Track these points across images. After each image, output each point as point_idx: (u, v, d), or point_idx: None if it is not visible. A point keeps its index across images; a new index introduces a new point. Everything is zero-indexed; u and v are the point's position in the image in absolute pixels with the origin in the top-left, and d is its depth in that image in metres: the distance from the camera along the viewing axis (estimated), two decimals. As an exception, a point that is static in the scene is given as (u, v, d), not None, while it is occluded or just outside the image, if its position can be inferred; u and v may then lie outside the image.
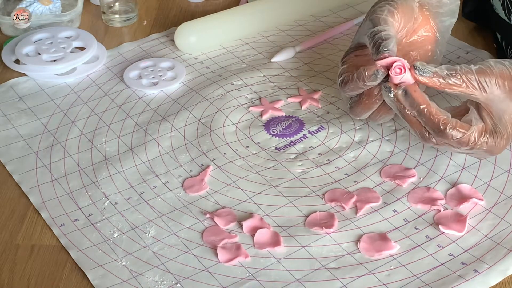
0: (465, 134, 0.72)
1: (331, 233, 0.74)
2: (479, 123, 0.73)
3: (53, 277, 0.71)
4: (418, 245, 0.73)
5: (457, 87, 0.72)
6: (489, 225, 0.75)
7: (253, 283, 0.70)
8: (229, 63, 0.99)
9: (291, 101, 0.92)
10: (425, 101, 0.72)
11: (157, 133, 0.87)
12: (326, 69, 0.97)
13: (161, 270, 0.71)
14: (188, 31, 1.00)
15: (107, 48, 1.02)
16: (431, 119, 0.72)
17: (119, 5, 1.07)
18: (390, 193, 0.79)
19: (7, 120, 0.90)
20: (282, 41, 1.03)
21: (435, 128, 0.72)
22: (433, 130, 0.73)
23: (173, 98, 0.93)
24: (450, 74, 0.72)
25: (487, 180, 0.80)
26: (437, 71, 0.72)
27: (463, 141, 0.73)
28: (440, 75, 0.72)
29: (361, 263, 0.72)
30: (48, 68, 0.96)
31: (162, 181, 0.81)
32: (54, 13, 1.04)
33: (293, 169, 0.82)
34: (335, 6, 1.10)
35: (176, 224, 0.76)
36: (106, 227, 0.76)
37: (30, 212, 0.78)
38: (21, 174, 0.82)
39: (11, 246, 0.74)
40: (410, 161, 0.82)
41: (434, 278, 0.70)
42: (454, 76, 0.72)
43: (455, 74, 0.72)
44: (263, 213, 0.77)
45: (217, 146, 0.85)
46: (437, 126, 0.72)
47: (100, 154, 0.85)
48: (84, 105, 0.92)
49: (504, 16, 0.94)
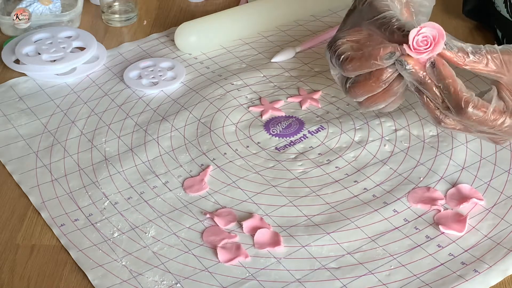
0: (485, 112, 0.70)
1: (331, 233, 0.74)
2: (499, 102, 0.72)
3: (53, 277, 0.71)
4: (418, 245, 0.73)
5: (481, 65, 0.70)
6: (489, 225, 0.75)
7: (253, 283, 0.70)
8: (229, 63, 0.99)
9: (291, 101, 0.92)
10: (452, 76, 0.70)
11: (157, 133, 0.87)
12: (326, 69, 0.97)
13: (161, 270, 0.71)
14: (188, 31, 1.00)
15: (107, 48, 1.02)
16: (454, 96, 0.70)
17: (119, 5, 1.07)
18: (390, 193, 0.79)
19: (7, 120, 0.90)
20: (282, 41, 1.03)
21: (457, 106, 0.70)
22: (454, 108, 0.71)
23: (173, 98, 0.93)
24: (475, 51, 0.70)
25: (487, 180, 0.80)
26: (463, 46, 0.70)
27: (483, 120, 0.71)
28: (466, 51, 0.70)
29: (361, 263, 0.72)
30: (48, 68, 0.96)
31: (162, 181, 0.81)
32: (54, 13, 1.04)
33: (293, 169, 0.82)
34: (335, 6, 1.10)
35: (176, 224, 0.76)
36: (106, 227, 0.76)
37: (30, 212, 0.78)
38: (21, 174, 0.82)
39: (11, 246, 0.74)
40: (410, 161, 0.82)
41: (434, 278, 0.70)
42: (479, 53, 0.70)
43: (480, 52, 0.70)
44: (263, 213, 0.77)
45: (217, 146, 0.85)
46: (459, 103, 0.70)
47: (100, 154, 0.85)
48: (84, 105, 0.92)
49: (506, 14, 0.94)
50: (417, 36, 0.69)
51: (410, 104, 0.90)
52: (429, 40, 0.69)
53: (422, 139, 0.85)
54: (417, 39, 0.69)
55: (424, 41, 0.69)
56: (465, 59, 0.70)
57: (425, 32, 0.69)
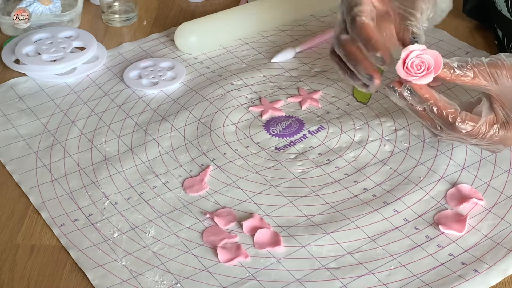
0: (475, 127, 0.71)
1: (331, 233, 0.74)
2: (489, 115, 0.72)
3: (53, 277, 0.71)
4: (418, 245, 0.73)
5: (468, 78, 0.70)
6: (489, 225, 0.75)
7: (253, 283, 0.70)
8: (229, 63, 0.99)
9: (291, 101, 0.92)
10: (432, 96, 0.70)
11: (157, 133, 0.87)
12: (326, 69, 0.97)
13: (161, 270, 0.71)
14: (188, 31, 1.00)
15: (107, 48, 1.02)
16: (440, 114, 0.70)
17: (119, 5, 1.07)
18: (390, 192, 0.79)
19: (7, 120, 0.90)
20: (282, 41, 1.03)
21: (445, 123, 0.71)
22: (443, 125, 0.71)
23: (173, 98, 0.93)
24: (461, 65, 0.70)
25: (487, 180, 0.80)
26: (448, 62, 0.70)
27: (473, 133, 0.72)
28: (451, 66, 0.70)
29: (361, 263, 0.72)
30: (48, 68, 0.96)
31: (162, 181, 0.81)
32: (54, 13, 1.04)
33: (293, 169, 0.82)
34: (335, 6, 1.10)
35: (176, 224, 0.76)
36: (106, 227, 0.76)
37: (30, 212, 0.78)
38: (21, 174, 0.82)
39: (11, 246, 0.74)
40: (410, 161, 0.82)
41: (434, 278, 0.70)
42: (465, 68, 0.70)
43: (466, 66, 0.70)
44: (263, 213, 0.77)
45: (217, 146, 0.85)
46: (446, 120, 0.71)
47: (100, 154, 0.85)
48: (84, 105, 0.92)
49: (506, 13, 0.94)
50: (416, 58, 0.68)
51: (410, 104, 0.90)
52: (424, 67, 0.68)
53: (422, 139, 0.85)
54: (414, 61, 0.68)
55: (419, 66, 0.68)
56: (452, 74, 0.70)
57: (424, 58, 0.68)
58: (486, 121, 0.71)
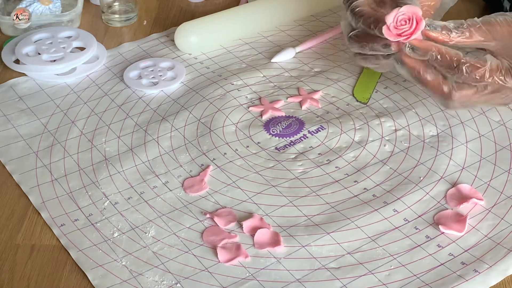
0: (480, 67, 0.73)
1: (331, 233, 0.74)
2: (494, 60, 0.74)
3: (53, 277, 0.71)
4: (418, 245, 0.73)
5: (466, 37, 0.73)
6: (489, 225, 0.75)
7: (253, 283, 0.70)
8: (229, 63, 0.99)
9: (291, 101, 0.92)
10: (433, 45, 0.73)
11: (157, 133, 0.87)
12: (326, 69, 0.97)
13: (161, 270, 0.71)
14: (188, 31, 1.00)
15: (107, 48, 1.02)
16: (444, 60, 0.73)
17: (119, 5, 1.07)
18: (390, 192, 0.79)
19: (7, 120, 0.90)
20: (282, 41, 1.03)
21: (450, 67, 0.73)
22: (449, 71, 0.73)
23: (173, 98, 0.93)
24: (458, 26, 0.73)
25: (487, 180, 0.80)
26: (446, 25, 0.73)
27: (480, 75, 0.73)
28: (449, 28, 0.73)
29: (361, 263, 0.72)
30: (48, 68, 0.96)
31: (162, 181, 0.81)
32: (54, 13, 1.04)
33: (293, 169, 0.82)
34: (335, 6, 1.10)
35: (176, 224, 0.76)
36: (106, 227, 0.76)
37: (30, 212, 0.78)
38: (21, 174, 0.82)
39: (11, 246, 0.74)
40: (410, 161, 0.83)
41: (434, 278, 0.70)
42: (462, 28, 0.73)
43: (462, 26, 0.73)
44: (263, 213, 0.77)
45: (217, 146, 0.85)
46: (451, 64, 0.73)
47: (100, 154, 0.85)
48: (84, 105, 0.92)
49: None
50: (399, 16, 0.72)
51: (410, 104, 0.90)
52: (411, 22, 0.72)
53: (422, 139, 0.85)
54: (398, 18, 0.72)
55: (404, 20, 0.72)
56: (450, 36, 0.73)
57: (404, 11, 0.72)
58: (492, 64, 0.73)
